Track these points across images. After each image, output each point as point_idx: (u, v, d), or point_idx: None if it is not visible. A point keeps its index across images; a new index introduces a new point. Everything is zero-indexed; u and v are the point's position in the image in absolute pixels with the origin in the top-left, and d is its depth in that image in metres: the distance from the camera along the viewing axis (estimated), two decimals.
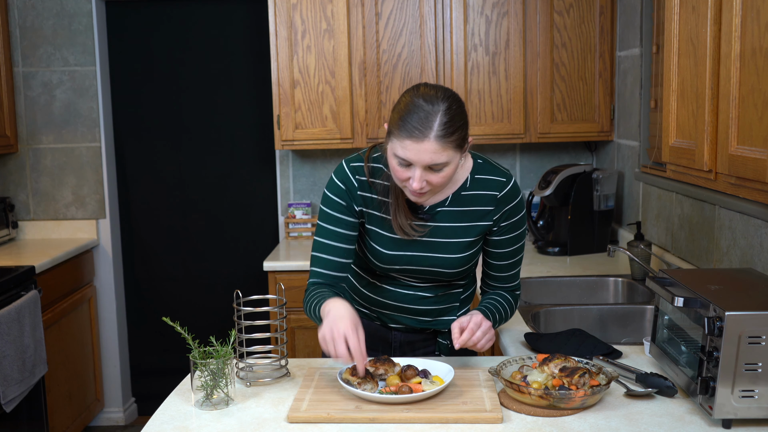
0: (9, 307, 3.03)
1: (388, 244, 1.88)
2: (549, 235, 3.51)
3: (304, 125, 3.59)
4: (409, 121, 1.67)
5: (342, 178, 1.87)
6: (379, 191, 1.86)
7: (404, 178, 1.72)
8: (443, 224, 1.87)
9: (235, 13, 4.13)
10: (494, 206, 1.86)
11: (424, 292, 1.96)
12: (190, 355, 1.69)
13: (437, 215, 1.87)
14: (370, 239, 1.90)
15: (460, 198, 1.87)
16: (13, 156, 4.06)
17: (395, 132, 1.70)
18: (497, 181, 1.87)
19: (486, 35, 3.53)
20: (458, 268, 1.90)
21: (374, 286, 1.98)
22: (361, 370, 1.66)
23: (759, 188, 1.48)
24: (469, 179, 1.87)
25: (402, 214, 1.83)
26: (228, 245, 4.31)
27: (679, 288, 1.68)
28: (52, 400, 3.52)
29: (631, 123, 3.32)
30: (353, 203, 1.87)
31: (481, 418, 1.56)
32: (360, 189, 1.87)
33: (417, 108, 1.67)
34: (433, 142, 1.66)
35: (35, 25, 3.98)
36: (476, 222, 1.87)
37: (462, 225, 1.87)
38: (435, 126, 1.66)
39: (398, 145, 1.69)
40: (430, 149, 1.66)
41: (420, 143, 1.66)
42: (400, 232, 1.83)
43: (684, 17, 1.83)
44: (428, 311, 1.98)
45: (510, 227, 1.90)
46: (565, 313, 2.51)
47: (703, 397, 1.52)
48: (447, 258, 1.88)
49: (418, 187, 1.70)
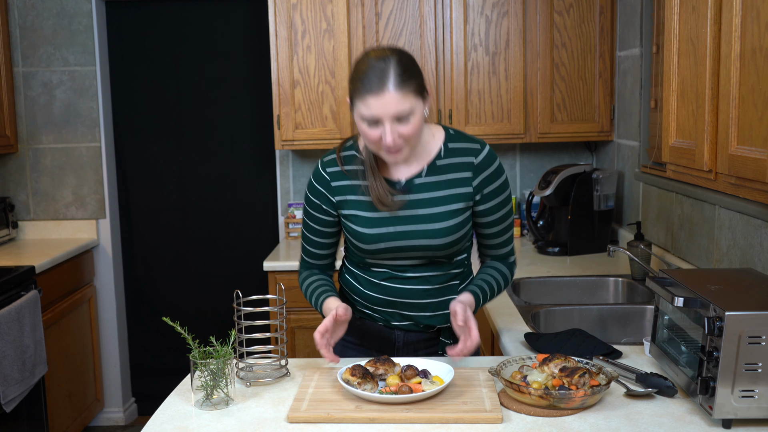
0: (9, 307, 3.03)
1: (369, 225, 1.90)
2: (549, 235, 3.50)
3: (304, 125, 3.59)
4: (366, 80, 1.75)
5: (316, 178, 1.97)
6: (355, 175, 1.92)
7: (376, 138, 1.79)
8: (422, 195, 1.90)
9: (235, 13, 4.13)
10: (472, 172, 1.90)
11: (421, 284, 1.95)
12: (190, 355, 1.69)
13: (414, 187, 1.90)
14: (352, 224, 1.93)
15: (435, 168, 1.91)
16: (13, 156, 4.06)
17: (356, 96, 1.78)
18: (471, 148, 1.91)
19: (486, 35, 3.53)
20: (446, 238, 1.90)
21: (373, 284, 1.99)
22: (329, 357, 1.79)
23: (759, 188, 1.49)
24: (443, 149, 1.92)
25: (379, 186, 1.88)
26: (228, 245, 4.31)
27: (679, 288, 1.68)
28: (52, 400, 3.52)
29: (631, 123, 3.32)
30: (330, 197, 1.94)
31: (481, 418, 1.56)
32: (333, 180, 1.94)
33: (370, 68, 1.76)
34: (393, 92, 1.74)
35: (35, 25, 3.98)
36: (455, 189, 1.90)
37: (441, 194, 1.90)
38: (391, 77, 1.74)
39: (362, 106, 1.76)
40: (393, 100, 1.74)
41: (381, 96, 1.74)
42: (380, 204, 1.88)
43: (684, 17, 1.83)
44: (427, 305, 1.97)
45: (493, 193, 1.92)
46: (565, 313, 2.51)
47: (703, 397, 1.52)
48: (432, 229, 1.89)
49: (390, 140, 1.76)
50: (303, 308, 3.31)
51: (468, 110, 3.56)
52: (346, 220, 1.95)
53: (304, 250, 2.06)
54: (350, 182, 1.93)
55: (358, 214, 1.92)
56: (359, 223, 1.92)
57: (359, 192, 1.92)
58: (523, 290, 2.90)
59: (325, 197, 1.96)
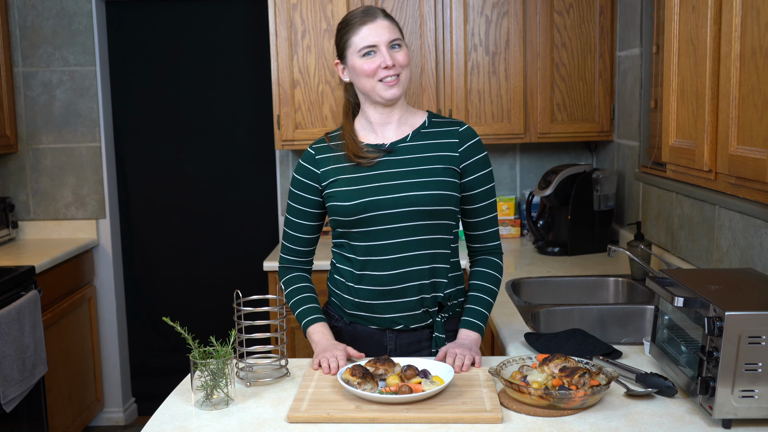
0: (9, 307, 3.03)
1: (353, 183, 1.94)
2: (549, 235, 3.50)
3: (304, 125, 3.59)
4: (355, 20, 1.93)
5: (303, 157, 2.05)
6: (339, 148, 2.00)
7: (375, 66, 1.91)
8: (408, 156, 1.96)
9: (235, 13, 4.13)
10: (458, 140, 1.98)
11: (410, 266, 1.93)
12: (190, 355, 1.69)
13: (400, 149, 1.97)
14: (337, 189, 1.96)
15: (420, 134, 1.99)
16: (13, 156, 4.06)
17: (349, 33, 1.93)
18: (455, 122, 2.03)
19: (486, 35, 3.53)
20: (432, 191, 1.91)
21: (360, 278, 1.96)
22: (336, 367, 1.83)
23: (759, 188, 1.49)
24: (428, 121, 2.03)
25: (352, 142, 1.97)
26: (228, 245, 4.31)
27: (679, 288, 1.68)
28: (52, 400, 3.52)
29: (631, 123, 3.32)
30: (315, 170, 2.00)
31: (481, 418, 1.56)
32: (318, 154, 2.02)
33: (355, 11, 1.96)
34: (383, 19, 1.93)
35: (35, 25, 3.98)
36: (441, 152, 1.96)
37: (427, 155, 1.96)
38: (378, 11, 1.94)
39: (358, 39, 1.92)
40: (385, 24, 1.92)
41: (374, 23, 1.91)
42: (354, 158, 1.95)
43: (684, 17, 1.83)
44: (417, 287, 1.95)
45: (478, 164, 1.98)
46: (565, 313, 2.51)
47: (703, 397, 1.52)
48: (417, 182, 1.92)
49: (390, 61, 1.90)
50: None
51: (468, 110, 3.56)
52: (331, 188, 1.97)
53: (287, 237, 2.07)
54: (334, 154, 2.00)
55: (342, 177, 1.96)
56: (343, 185, 1.95)
57: (344, 161, 1.98)
58: (523, 290, 2.90)
59: (310, 172, 2.00)
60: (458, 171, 1.96)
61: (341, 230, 1.99)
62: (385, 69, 1.91)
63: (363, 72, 1.93)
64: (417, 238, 1.93)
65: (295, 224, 2.05)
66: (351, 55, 1.94)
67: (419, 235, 1.93)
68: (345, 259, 2.01)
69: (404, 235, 1.93)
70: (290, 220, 2.06)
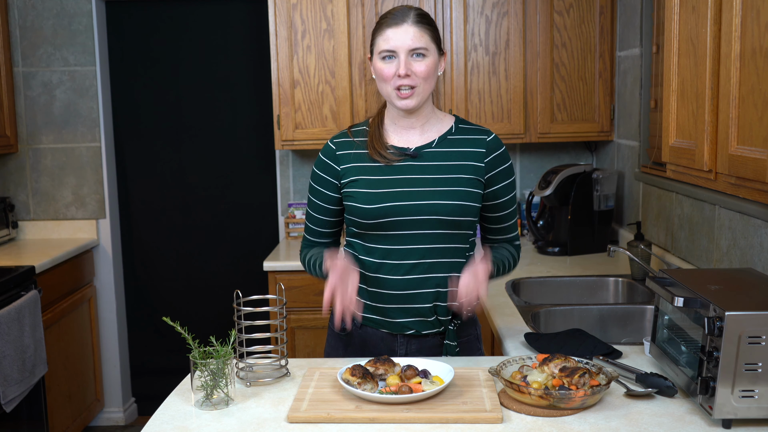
0: (9, 307, 3.03)
1: (374, 186, 1.91)
2: (549, 235, 3.50)
3: (304, 125, 3.59)
4: (386, 19, 1.90)
5: (323, 151, 2.02)
6: (361, 145, 1.97)
7: (391, 75, 1.88)
8: (433, 162, 1.93)
9: (235, 13, 4.14)
10: (485, 149, 1.96)
11: (423, 273, 1.92)
12: (190, 355, 1.69)
13: (425, 155, 1.94)
14: (356, 189, 1.93)
15: (446, 141, 1.96)
16: (13, 156, 4.06)
17: (377, 34, 1.90)
18: (482, 130, 2.00)
19: (486, 35, 3.53)
20: (454, 201, 1.89)
21: (373, 280, 1.95)
22: (341, 319, 1.80)
23: (759, 188, 1.49)
24: (454, 127, 1.99)
25: (379, 141, 1.94)
26: (228, 245, 4.31)
27: (679, 288, 1.68)
28: (52, 400, 3.52)
29: (631, 123, 3.32)
30: (336, 166, 1.97)
31: (481, 418, 1.56)
32: (338, 149, 1.98)
33: (393, 9, 1.92)
34: (411, 25, 1.87)
35: (35, 25, 3.98)
36: (467, 161, 1.94)
37: (453, 163, 1.93)
38: (411, 15, 1.89)
39: (381, 41, 1.89)
40: (410, 31, 1.86)
41: (399, 28, 1.87)
42: (375, 155, 1.93)
43: (684, 17, 1.83)
44: (432, 294, 1.93)
45: (503, 174, 1.98)
46: (565, 313, 2.51)
47: (703, 397, 1.52)
48: (440, 191, 1.89)
49: (404, 70, 1.85)
50: (303, 308, 3.31)
51: (468, 110, 3.56)
52: (351, 187, 1.93)
53: (308, 230, 2.07)
54: (356, 151, 1.96)
55: (363, 178, 1.93)
56: (363, 186, 1.92)
57: (366, 159, 1.95)
58: (523, 290, 2.90)
59: (330, 168, 1.98)
60: (482, 182, 1.95)
61: (356, 230, 1.97)
62: (399, 78, 1.87)
63: (381, 75, 1.91)
64: (435, 246, 1.92)
65: (315, 218, 2.05)
66: (375, 55, 1.92)
67: (437, 244, 1.92)
68: (356, 259, 1.99)
69: (422, 242, 1.92)
70: (310, 213, 2.06)
